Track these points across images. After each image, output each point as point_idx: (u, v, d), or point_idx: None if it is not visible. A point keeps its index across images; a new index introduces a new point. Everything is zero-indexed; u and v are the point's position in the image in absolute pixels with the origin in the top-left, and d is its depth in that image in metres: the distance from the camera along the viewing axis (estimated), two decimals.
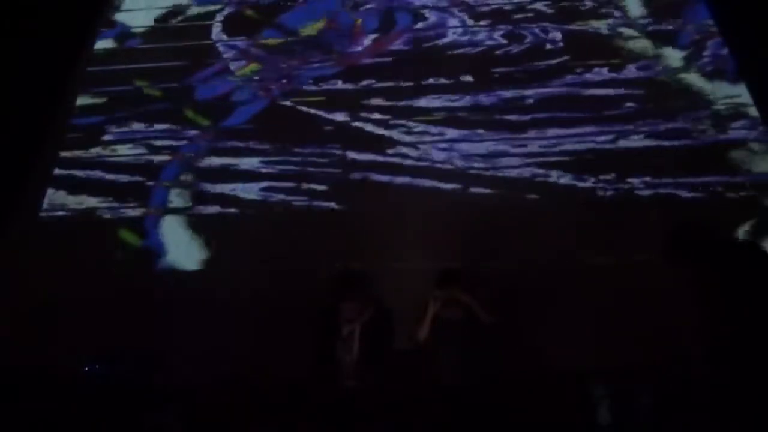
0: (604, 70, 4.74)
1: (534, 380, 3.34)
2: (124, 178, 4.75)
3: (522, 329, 3.45)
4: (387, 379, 3.01)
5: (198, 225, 4.48)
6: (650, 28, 4.94)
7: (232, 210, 4.49)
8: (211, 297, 3.99)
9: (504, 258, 3.94)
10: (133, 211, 4.59)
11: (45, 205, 4.71)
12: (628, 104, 4.55)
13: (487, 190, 4.31)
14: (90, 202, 4.69)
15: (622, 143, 4.40)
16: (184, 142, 4.87)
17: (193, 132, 4.92)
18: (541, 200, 4.22)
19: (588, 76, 4.73)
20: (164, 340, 3.80)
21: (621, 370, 3.33)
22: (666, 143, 4.36)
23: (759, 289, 2.35)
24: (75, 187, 4.77)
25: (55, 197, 4.74)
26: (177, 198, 4.62)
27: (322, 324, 3.17)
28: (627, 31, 4.96)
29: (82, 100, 5.22)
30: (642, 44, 4.87)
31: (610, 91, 4.63)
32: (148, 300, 4.04)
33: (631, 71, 4.72)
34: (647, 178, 4.21)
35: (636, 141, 4.39)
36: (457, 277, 3.19)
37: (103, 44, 5.55)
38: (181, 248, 4.39)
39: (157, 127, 4.98)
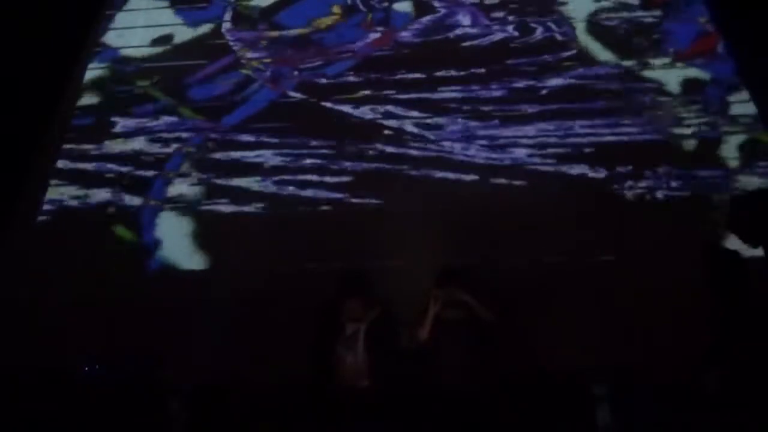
0: (617, 62, 4.74)
1: (535, 380, 3.34)
2: (127, 172, 4.74)
3: (523, 328, 3.45)
4: (388, 380, 3.01)
5: (200, 221, 4.46)
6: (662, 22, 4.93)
7: (234, 206, 4.48)
8: (212, 296, 3.99)
9: (507, 256, 3.94)
10: (134, 207, 4.58)
11: (45, 204, 4.70)
12: (641, 97, 4.55)
13: (495, 184, 4.30)
14: (90, 198, 4.68)
15: (634, 137, 4.39)
16: (190, 134, 4.86)
17: (199, 125, 4.90)
18: (550, 194, 4.19)
19: (598, 68, 4.73)
20: (164, 340, 3.79)
21: (623, 370, 3.33)
22: (678, 137, 4.36)
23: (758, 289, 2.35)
24: (75, 183, 4.75)
25: (55, 195, 4.74)
26: (179, 193, 4.60)
27: (324, 322, 3.17)
28: (640, 25, 4.95)
29: (83, 100, 5.21)
30: (655, 38, 4.85)
31: (621, 83, 4.63)
32: (148, 299, 4.03)
33: (641, 64, 4.72)
34: (657, 174, 4.21)
35: (647, 135, 4.39)
36: (458, 276, 3.18)
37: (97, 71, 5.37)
38: (183, 246, 4.38)
39: (162, 120, 4.96)
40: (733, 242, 2.57)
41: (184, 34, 5.45)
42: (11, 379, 3.49)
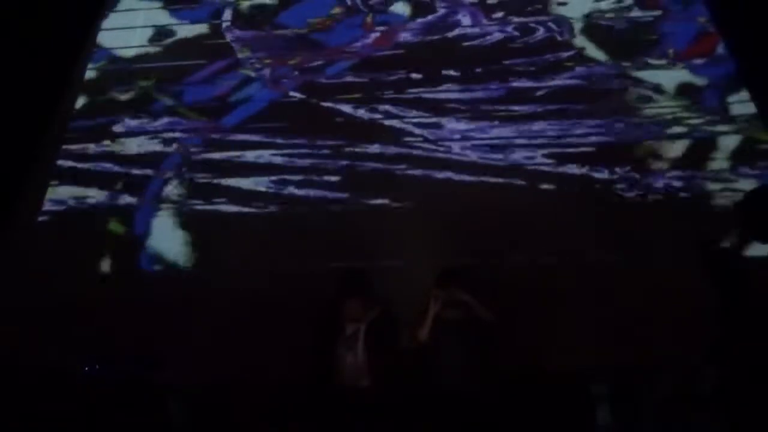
0: (616, 62, 4.73)
1: (535, 380, 3.34)
2: (126, 172, 4.74)
3: (524, 328, 3.45)
4: (388, 380, 3.00)
5: (200, 221, 4.46)
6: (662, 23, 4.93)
7: (234, 206, 4.48)
8: (212, 296, 3.99)
9: (507, 256, 3.94)
10: (134, 207, 4.58)
11: (45, 204, 4.70)
12: (640, 97, 4.55)
13: (495, 184, 4.30)
14: (90, 198, 4.68)
15: (634, 137, 4.39)
16: (189, 135, 4.86)
17: (199, 125, 4.90)
18: (550, 194, 4.20)
19: (597, 68, 4.73)
20: (164, 340, 3.79)
21: (624, 370, 3.33)
22: (677, 137, 4.35)
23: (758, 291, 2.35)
24: (75, 183, 4.75)
25: (54, 195, 4.73)
26: (178, 193, 4.60)
27: (324, 322, 3.16)
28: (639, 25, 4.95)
29: (82, 100, 5.21)
30: (654, 38, 4.85)
31: (621, 84, 4.63)
32: (147, 299, 4.03)
33: (641, 64, 4.72)
34: (657, 173, 4.20)
35: (646, 135, 4.39)
36: (458, 276, 3.18)
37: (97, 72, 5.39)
38: (182, 246, 4.38)
39: (162, 120, 4.97)
40: (732, 242, 2.57)
41: (183, 33, 5.46)
42: (11, 379, 3.49)
